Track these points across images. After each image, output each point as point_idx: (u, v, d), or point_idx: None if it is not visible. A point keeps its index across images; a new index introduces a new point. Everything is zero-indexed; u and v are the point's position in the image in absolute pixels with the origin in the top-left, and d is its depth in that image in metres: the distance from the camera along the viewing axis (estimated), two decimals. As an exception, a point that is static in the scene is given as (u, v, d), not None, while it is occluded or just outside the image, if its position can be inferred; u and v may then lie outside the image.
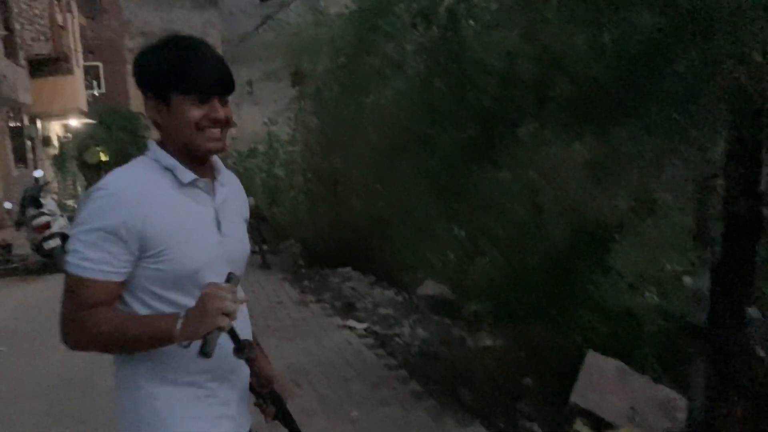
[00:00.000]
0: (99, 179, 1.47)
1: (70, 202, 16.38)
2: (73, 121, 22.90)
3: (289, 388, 1.63)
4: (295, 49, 7.98)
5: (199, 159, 1.45)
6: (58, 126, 22.91)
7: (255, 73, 10.36)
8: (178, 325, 1.31)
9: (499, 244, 5.01)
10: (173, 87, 1.38)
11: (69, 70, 19.73)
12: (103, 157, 23.15)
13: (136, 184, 1.40)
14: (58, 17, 18.47)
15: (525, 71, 3.29)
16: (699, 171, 3.13)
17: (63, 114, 21.02)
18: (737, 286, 3.25)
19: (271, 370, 1.61)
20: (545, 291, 4.46)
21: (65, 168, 20.99)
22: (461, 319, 5.38)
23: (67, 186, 20.39)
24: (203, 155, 1.45)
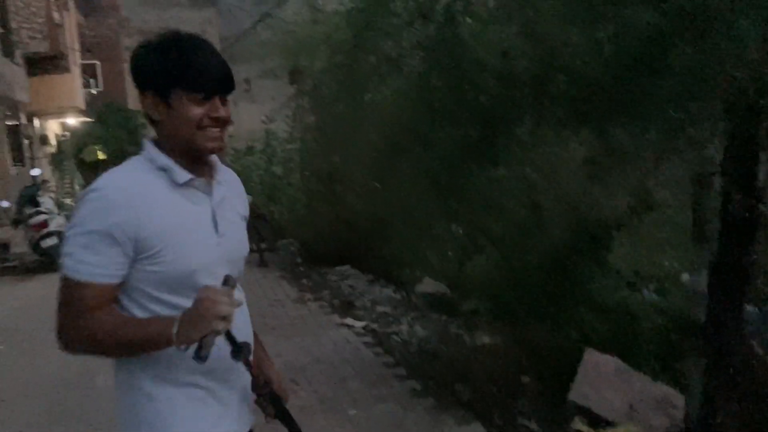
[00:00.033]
0: (97, 178, 1.45)
1: (67, 201, 16.36)
2: (70, 120, 22.87)
3: (287, 389, 1.62)
4: (293, 46, 7.96)
5: (197, 158, 1.42)
6: (55, 124, 22.88)
7: (253, 71, 10.35)
8: (174, 329, 1.29)
9: (498, 242, 5.01)
10: (175, 84, 1.36)
11: (66, 69, 19.69)
12: (101, 156, 23.12)
13: (130, 186, 1.38)
14: (55, 15, 18.42)
15: (522, 69, 3.29)
16: (697, 169, 3.13)
17: (60, 112, 21.00)
18: (735, 283, 3.26)
19: (271, 369, 1.60)
20: (544, 289, 4.46)
21: (63, 166, 20.97)
22: (459, 317, 5.38)
23: (64, 184, 20.37)
24: (202, 154, 1.43)
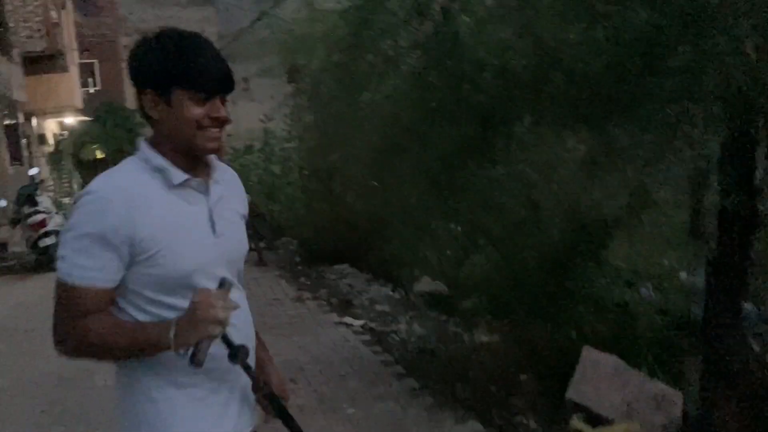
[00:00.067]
0: (95, 177, 1.44)
1: (65, 200, 16.37)
2: (68, 119, 22.85)
3: (288, 389, 1.62)
4: (290, 45, 7.95)
5: (194, 157, 1.41)
6: (53, 123, 22.85)
7: (251, 70, 10.32)
8: (172, 333, 1.29)
9: (496, 240, 5.01)
10: (176, 83, 1.34)
11: (64, 68, 19.66)
12: (99, 155, 23.13)
13: (124, 188, 1.36)
14: (53, 14, 18.38)
15: (521, 68, 3.29)
16: (694, 167, 3.14)
17: (58, 111, 20.97)
18: (732, 281, 3.26)
19: (272, 369, 1.59)
20: (542, 287, 4.46)
21: (61, 166, 20.96)
22: (458, 315, 5.38)
23: (62, 184, 20.36)
24: (202, 155, 1.42)
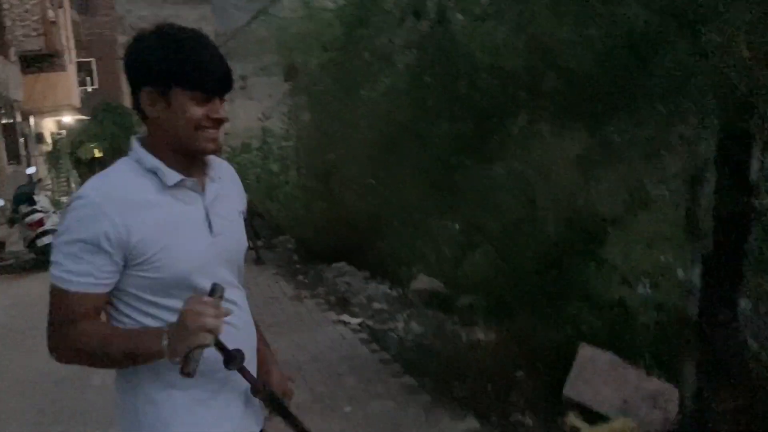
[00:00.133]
0: (93, 176, 1.43)
1: (63, 199, 16.36)
2: (66, 118, 22.85)
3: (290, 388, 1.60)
4: (287, 43, 7.95)
5: (191, 156, 1.39)
6: (51, 122, 22.86)
7: (248, 68, 10.31)
8: (164, 342, 1.27)
9: (493, 238, 5.01)
10: (176, 81, 1.31)
11: (61, 66, 19.66)
12: (97, 153, 23.13)
13: (117, 192, 1.34)
14: (50, 13, 18.35)
15: (515, 66, 3.28)
16: (689, 164, 3.14)
17: (56, 110, 20.97)
18: (728, 278, 3.26)
19: (273, 369, 1.58)
20: (538, 284, 4.47)
21: (59, 165, 20.94)
22: (455, 313, 5.38)
23: (60, 183, 20.35)
24: (200, 155, 1.40)
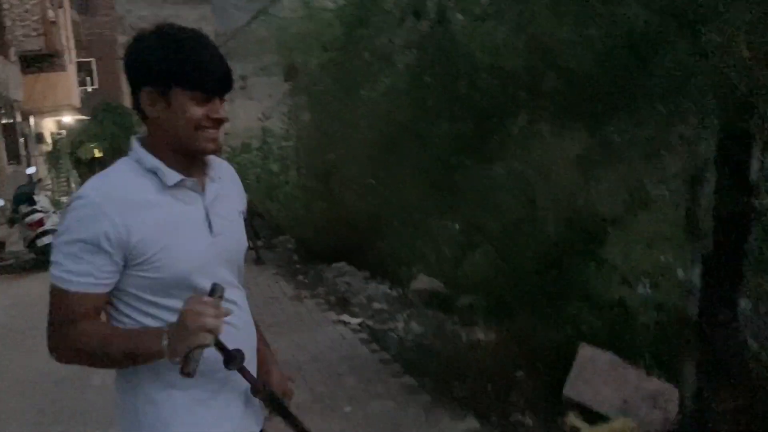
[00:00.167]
0: (92, 175, 1.43)
1: (63, 199, 16.36)
2: (66, 118, 22.86)
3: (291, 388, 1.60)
4: (287, 43, 7.95)
5: (190, 156, 1.39)
6: (51, 122, 22.87)
7: (248, 68, 10.31)
8: (164, 342, 1.27)
9: (493, 238, 5.01)
10: (177, 81, 1.31)
11: (61, 66, 19.67)
12: (97, 153, 23.14)
13: (117, 191, 1.34)
14: (50, 13, 18.36)
15: (515, 66, 3.28)
16: (689, 164, 3.14)
17: (56, 110, 20.97)
18: (728, 278, 3.26)
19: (273, 369, 1.58)
20: (538, 284, 4.47)
21: (59, 165, 20.94)
22: (455, 313, 5.38)
23: (60, 183, 20.35)
24: (200, 155, 1.40)
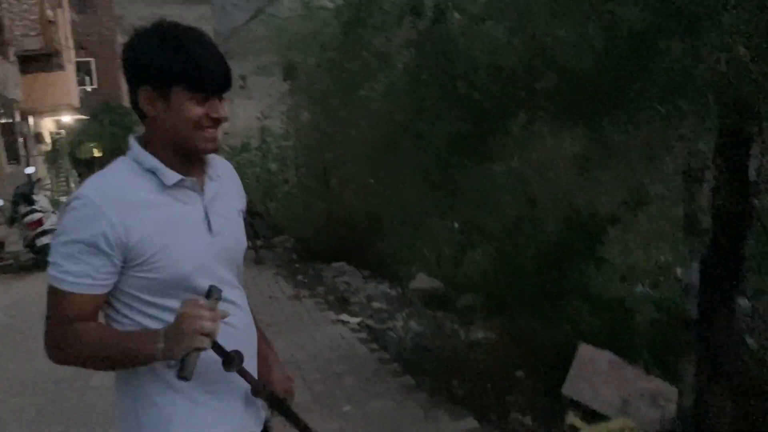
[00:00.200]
0: (92, 175, 1.42)
1: (62, 199, 16.34)
2: (65, 117, 22.85)
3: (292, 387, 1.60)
4: (286, 42, 7.95)
5: (189, 155, 1.38)
6: (50, 122, 22.85)
7: (248, 68, 10.32)
8: (160, 345, 1.26)
9: (492, 237, 5.01)
10: (177, 80, 1.30)
11: (60, 66, 19.67)
12: (96, 153, 23.16)
13: (115, 191, 1.33)
14: (48, 12, 18.36)
15: (514, 65, 3.28)
16: (688, 163, 3.14)
17: (55, 110, 20.97)
18: (727, 277, 3.26)
19: (275, 369, 1.57)
20: (537, 283, 4.47)
21: (58, 164, 20.92)
22: (454, 312, 5.39)
23: (60, 182, 20.32)
24: (199, 155, 1.39)
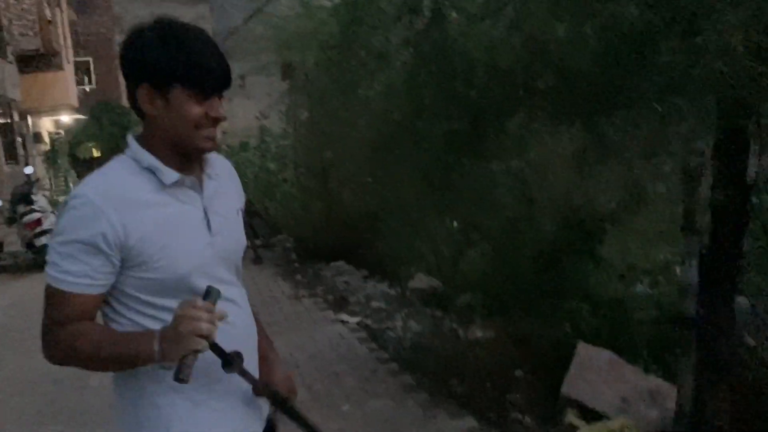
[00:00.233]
0: (90, 174, 1.40)
1: (61, 199, 16.33)
2: (64, 117, 22.84)
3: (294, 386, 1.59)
4: (284, 42, 7.94)
5: (188, 154, 1.37)
6: (49, 122, 22.83)
7: (246, 67, 10.30)
8: (156, 346, 1.25)
9: (490, 236, 5.02)
10: (177, 79, 1.28)
11: (59, 66, 19.66)
12: (95, 153, 23.12)
13: (114, 190, 1.31)
14: (47, 12, 18.35)
15: (511, 64, 3.28)
16: (686, 161, 3.13)
17: (54, 110, 20.96)
18: (726, 276, 3.26)
19: (277, 368, 1.57)
20: (536, 282, 4.48)
21: (57, 164, 20.89)
22: (453, 311, 5.39)
23: (58, 182, 20.29)
24: (197, 154, 1.38)
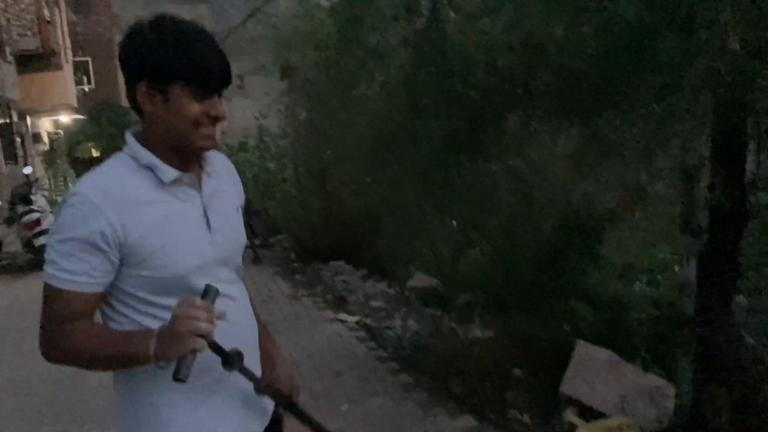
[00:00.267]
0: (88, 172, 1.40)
1: (60, 199, 16.31)
2: (63, 117, 22.82)
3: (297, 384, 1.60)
4: (282, 41, 7.94)
5: (187, 153, 1.36)
6: (48, 122, 22.82)
7: (245, 67, 10.29)
8: (152, 346, 1.24)
9: (490, 235, 5.02)
10: (177, 77, 1.28)
11: (58, 66, 19.62)
12: (95, 153, 23.11)
13: (113, 188, 1.31)
14: (45, 12, 18.33)
15: (509, 63, 3.28)
16: (685, 161, 3.14)
17: (53, 110, 20.93)
18: (724, 275, 3.26)
19: (279, 366, 1.57)
20: (535, 282, 4.47)
21: (56, 164, 20.89)
22: (452, 311, 5.39)
23: (57, 182, 20.29)
24: (197, 152, 1.37)
